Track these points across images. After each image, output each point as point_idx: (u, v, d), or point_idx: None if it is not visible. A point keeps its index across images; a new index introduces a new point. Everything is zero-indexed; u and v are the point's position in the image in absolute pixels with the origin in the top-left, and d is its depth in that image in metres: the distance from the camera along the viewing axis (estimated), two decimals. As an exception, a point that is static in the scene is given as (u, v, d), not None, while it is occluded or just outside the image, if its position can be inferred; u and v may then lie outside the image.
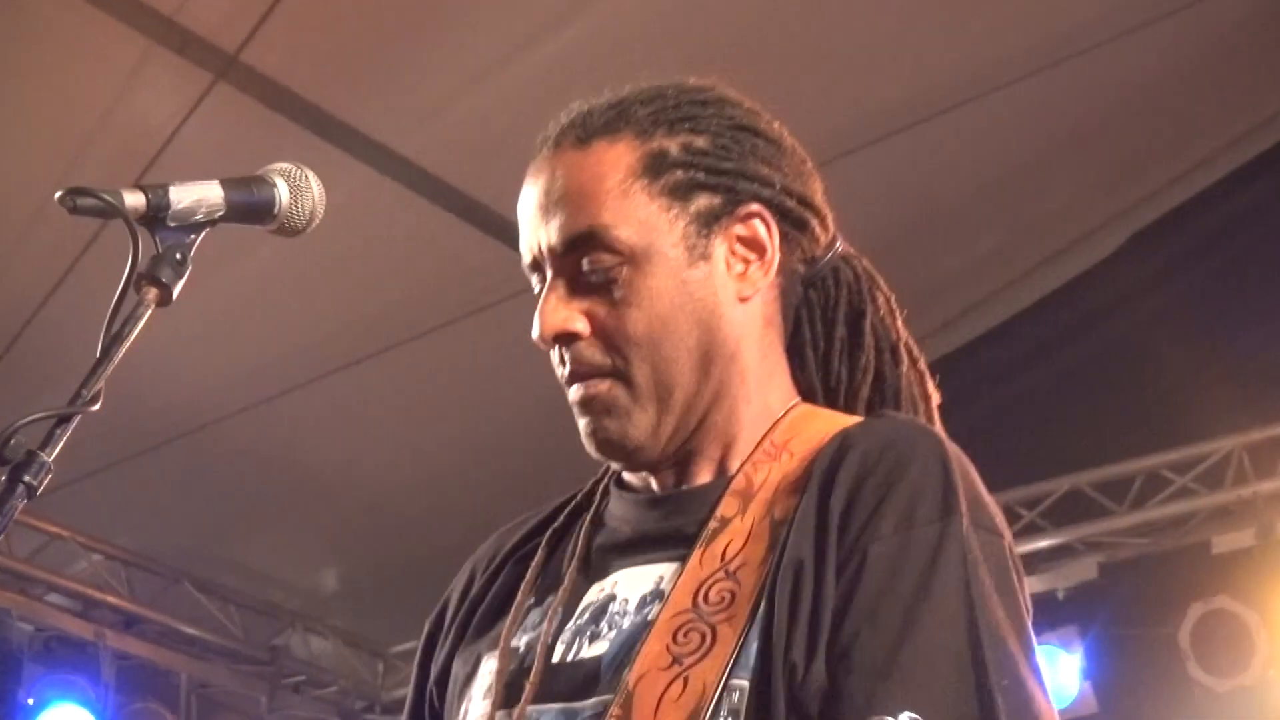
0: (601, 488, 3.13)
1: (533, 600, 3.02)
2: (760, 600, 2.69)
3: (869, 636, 2.60)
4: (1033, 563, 10.13)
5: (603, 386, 2.91)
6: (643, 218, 2.91)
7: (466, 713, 2.97)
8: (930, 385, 3.27)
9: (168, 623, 10.93)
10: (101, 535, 10.61)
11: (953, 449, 2.84)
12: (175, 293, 2.76)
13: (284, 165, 2.94)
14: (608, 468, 3.13)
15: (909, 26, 9.50)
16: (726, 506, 2.86)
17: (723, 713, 2.64)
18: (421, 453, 10.57)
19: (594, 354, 2.91)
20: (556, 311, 2.91)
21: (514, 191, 3.12)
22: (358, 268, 9.54)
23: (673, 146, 2.97)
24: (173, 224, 2.79)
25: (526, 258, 3.00)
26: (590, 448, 2.97)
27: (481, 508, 11.59)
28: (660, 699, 2.67)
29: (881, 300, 3.16)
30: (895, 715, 2.53)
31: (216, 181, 2.85)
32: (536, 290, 2.97)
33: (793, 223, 3.04)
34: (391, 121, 9.10)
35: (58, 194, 2.70)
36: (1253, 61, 10.18)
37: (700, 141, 2.98)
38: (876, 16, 9.40)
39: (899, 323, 3.18)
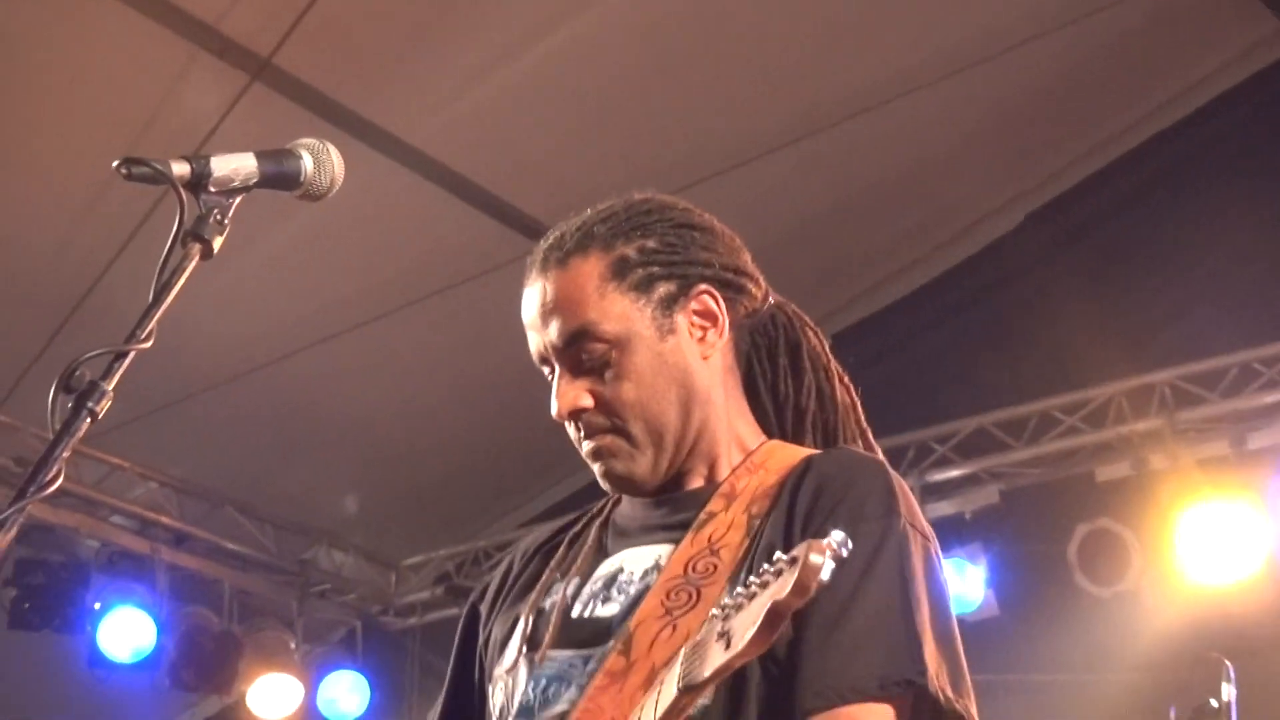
0: (613, 500, 3.40)
1: (558, 576, 3.30)
2: (738, 572, 2.99)
3: (827, 600, 2.78)
4: (944, 490, 10.15)
5: (608, 440, 3.21)
6: (619, 311, 3.20)
7: (503, 659, 3.25)
8: (855, 395, 3.57)
9: (213, 540, 10.93)
10: (156, 466, 10.58)
11: (893, 473, 3.17)
12: (216, 248, 2.82)
13: (309, 140, 3.00)
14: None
15: (838, 33, 9.49)
16: (714, 504, 3.17)
17: None
18: (427, 397, 10.56)
19: (599, 420, 3.21)
20: (566, 395, 3.21)
21: (506, 174, 3.31)
22: (375, 240, 9.52)
23: (631, 251, 3.24)
24: (214, 189, 2.84)
25: (535, 354, 3.28)
26: (605, 485, 3.28)
27: (477, 444, 11.68)
28: (654, 639, 2.98)
29: (811, 334, 3.49)
30: (844, 652, 2.90)
31: (251, 153, 2.90)
32: (548, 376, 3.26)
33: (733, 290, 3.33)
34: (400, 117, 9.08)
35: (115, 162, 2.73)
36: (1128, 68, 10.17)
37: (651, 243, 3.26)
38: (812, 22, 9.38)
39: (827, 349, 3.51)
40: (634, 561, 3.18)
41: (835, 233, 10.64)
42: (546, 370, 3.25)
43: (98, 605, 10.17)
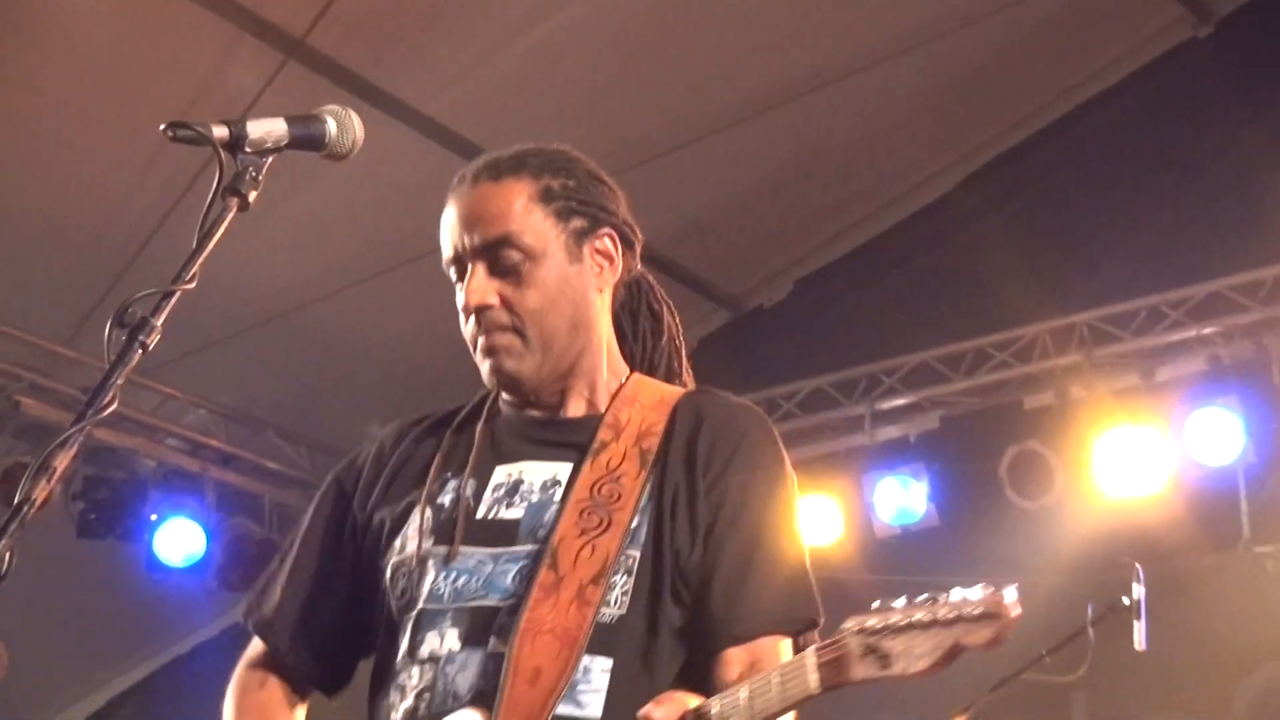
0: (490, 400, 3.39)
1: (449, 473, 3.27)
2: (640, 501, 3.11)
3: (733, 536, 3.09)
4: (891, 416, 10.15)
5: (505, 339, 3.20)
6: (539, 230, 3.23)
7: (403, 548, 3.21)
8: (691, 374, 3.59)
9: (255, 460, 10.93)
10: (206, 395, 10.59)
11: (771, 424, 3.33)
12: (252, 201, 2.81)
13: (333, 107, 3.00)
14: (490, 393, 3.40)
15: (802, 17, 9.48)
16: (604, 434, 3.20)
17: (620, 570, 3.07)
18: (439, 334, 10.51)
19: (502, 318, 3.19)
20: (478, 290, 3.20)
21: (510, 140, 3.31)
22: (395, 198, 9.47)
23: (556, 184, 3.27)
24: (249, 150, 2.83)
25: (448, 254, 3.29)
26: (490, 382, 3.27)
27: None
28: (576, 557, 3.03)
29: (668, 308, 3.54)
30: (756, 595, 3.09)
31: (282, 118, 2.90)
32: (454, 279, 3.28)
33: (626, 244, 3.36)
34: (417, 90, 9.06)
35: (162, 126, 2.75)
36: (1050, 50, 10.16)
37: (572, 183, 3.29)
38: (778, 8, 9.37)
39: (678, 323, 3.57)
40: (533, 473, 3.19)
41: (797, 192, 10.62)
42: (454, 272, 3.26)
43: (154, 517, 10.19)
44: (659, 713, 2.73)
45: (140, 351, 2.66)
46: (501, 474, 3.21)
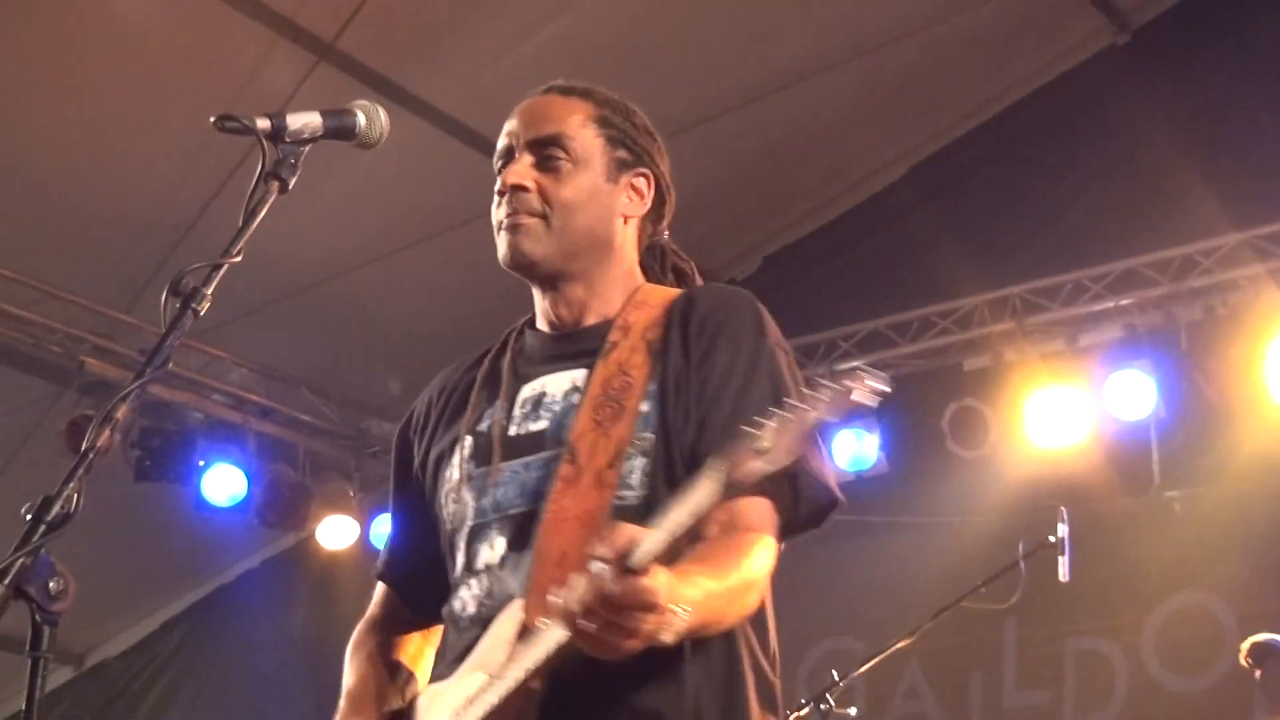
0: (515, 334, 3.29)
1: (485, 402, 3.16)
2: (648, 387, 2.98)
3: (716, 410, 2.92)
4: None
5: (530, 221, 3.10)
6: (588, 143, 3.16)
7: (451, 476, 3.12)
8: None
9: (291, 413, 10.91)
10: (248, 356, 10.56)
11: (759, 303, 3.15)
12: (291, 185, 2.80)
13: (362, 101, 2.98)
14: (514, 327, 3.31)
15: (769, 22, 9.46)
16: (615, 335, 3.07)
17: (636, 453, 2.93)
18: (456, 303, 10.49)
19: (534, 202, 3.10)
20: (519, 171, 3.11)
21: None
22: (417, 183, 9.46)
23: (616, 118, 3.22)
24: (288, 139, 2.81)
25: (502, 145, 3.20)
26: (507, 258, 3.15)
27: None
28: (593, 446, 2.92)
29: (686, 260, 3.42)
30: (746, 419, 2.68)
31: (317, 112, 2.88)
32: (499, 169, 3.18)
33: (659, 195, 3.28)
34: (435, 89, 9.04)
35: (212, 118, 2.74)
36: (988, 53, 10.14)
37: (628, 126, 3.23)
38: (745, 15, 9.35)
39: (693, 269, 3.42)
40: (554, 385, 3.08)
41: (765, 180, 10.61)
42: (500, 164, 3.18)
43: (201, 463, 10.20)
44: (601, 549, 2.50)
45: (191, 317, 2.66)
46: (527, 391, 3.10)
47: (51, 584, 2.41)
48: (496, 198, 3.16)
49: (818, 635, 10.04)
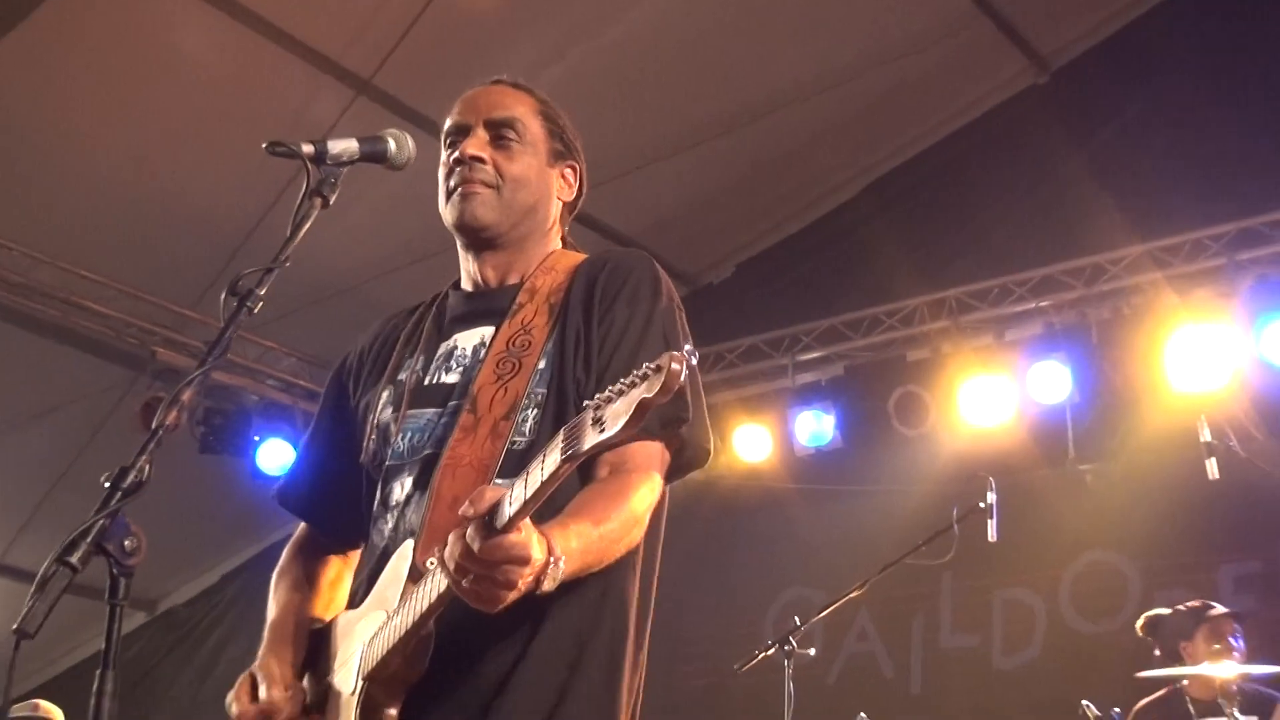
0: (441, 295, 3.19)
1: (407, 354, 3.07)
2: (547, 345, 2.85)
3: (615, 362, 2.76)
4: (808, 365, 10.11)
5: (483, 190, 3.01)
6: (536, 130, 3.09)
7: (372, 419, 3.00)
8: None
9: (333, 396, 10.92)
10: (296, 347, 10.52)
11: (657, 265, 2.99)
12: (331, 201, 2.80)
13: (393, 130, 2.97)
14: (439, 293, 3.21)
15: (740, 68, 9.43)
16: (522, 298, 2.96)
17: (531, 405, 2.79)
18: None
19: (487, 173, 3.01)
20: (475, 144, 3.03)
21: None
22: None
23: (554, 114, 3.14)
24: (329, 162, 2.81)
25: (452, 124, 3.12)
26: (456, 220, 3.05)
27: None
28: (492, 399, 2.80)
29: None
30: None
31: (354, 138, 2.88)
32: (447, 145, 3.10)
33: (580, 186, 3.19)
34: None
35: (265, 144, 2.75)
36: (928, 90, 10.13)
37: (563, 123, 3.15)
38: (715, 58, 9.32)
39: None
40: (465, 340, 2.98)
41: (738, 197, 10.56)
42: (450, 141, 3.10)
43: (256, 438, 10.13)
44: (468, 510, 2.34)
45: (247, 314, 2.66)
46: (443, 347, 3.00)
47: (127, 542, 2.40)
48: (448, 167, 3.07)
49: (781, 586, 10.04)
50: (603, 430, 2.16)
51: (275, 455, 10.15)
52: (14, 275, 9.24)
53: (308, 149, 2.80)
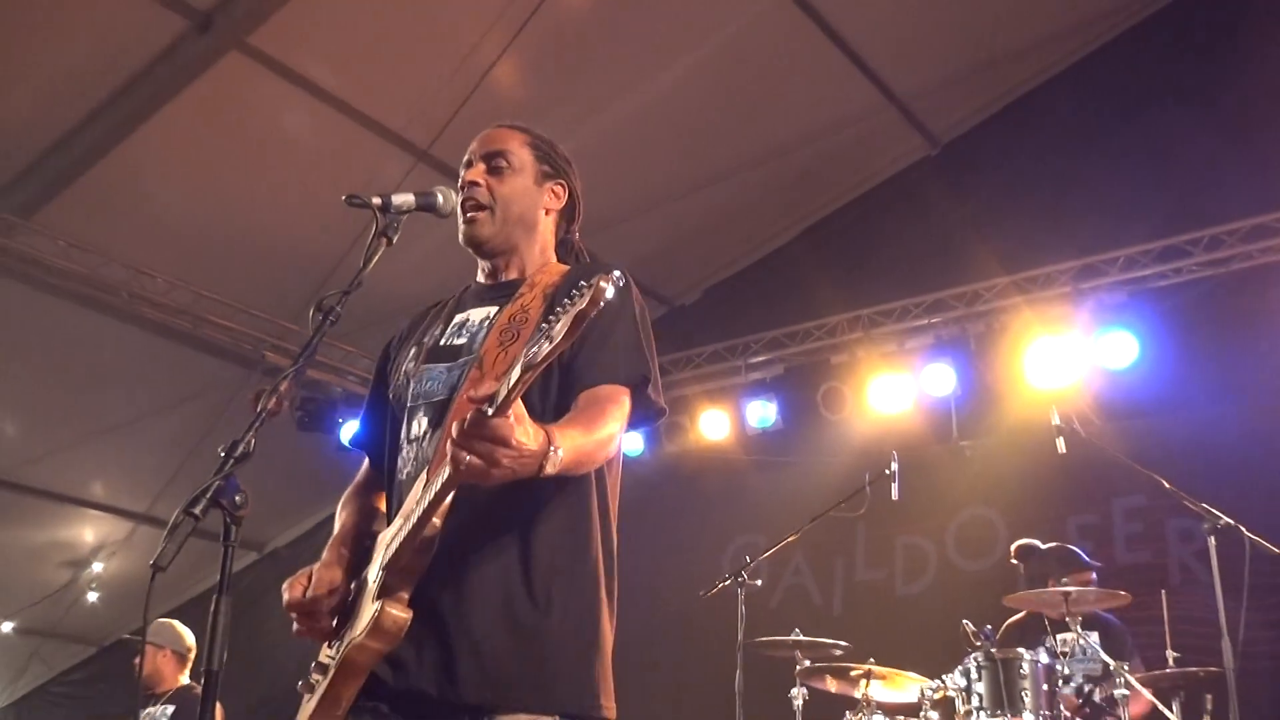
0: (463, 289, 3.10)
1: (432, 325, 3.02)
2: (539, 323, 2.59)
3: (596, 333, 2.65)
4: (757, 366, 10.07)
5: (480, 212, 2.97)
6: (522, 158, 3.02)
7: (404, 370, 2.96)
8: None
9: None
10: (370, 350, 10.46)
11: (629, 278, 2.75)
12: (394, 241, 2.80)
13: (441, 187, 2.97)
14: (465, 286, 3.10)
15: (708, 140, 9.40)
16: (524, 289, 2.90)
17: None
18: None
19: (484, 196, 2.97)
20: (477, 174, 2.99)
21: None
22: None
23: (542, 144, 3.06)
24: (392, 211, 2.81)
25: (466, 159, 3.04)
26: (464, 238, 3.01)
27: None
28: (494, 360, 2.73)
29: (587, 252, 3.15)
30: (608, 358, 2.67)
31: (411, 193, 2.87)
32: (463, 170, 3.03)
33: (571, 202, 3.09)
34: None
35: (344, 197, 2.76)
36: (847, 157, 10.10)
37: (552, 150, 3.07)
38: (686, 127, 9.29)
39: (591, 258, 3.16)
40: (475, 315, 2.92)
41: (704, 239, 10.52)
42: (465, 168, 3.03)
43: (340, 420, 10.09)
44: (474, 393, 2.31)
45: (331, 324, 2.67)
46: (457, 318, 2.95)
47: (237, 497, 2.40)
48: (459, 193, 3.00)
49: (736, 533, 10.02)
50: (550, 342, 2.16)
51: (353, 432, 10.10)
52: (158, 297, 9.27)
53: (376, 201, 2.80)
